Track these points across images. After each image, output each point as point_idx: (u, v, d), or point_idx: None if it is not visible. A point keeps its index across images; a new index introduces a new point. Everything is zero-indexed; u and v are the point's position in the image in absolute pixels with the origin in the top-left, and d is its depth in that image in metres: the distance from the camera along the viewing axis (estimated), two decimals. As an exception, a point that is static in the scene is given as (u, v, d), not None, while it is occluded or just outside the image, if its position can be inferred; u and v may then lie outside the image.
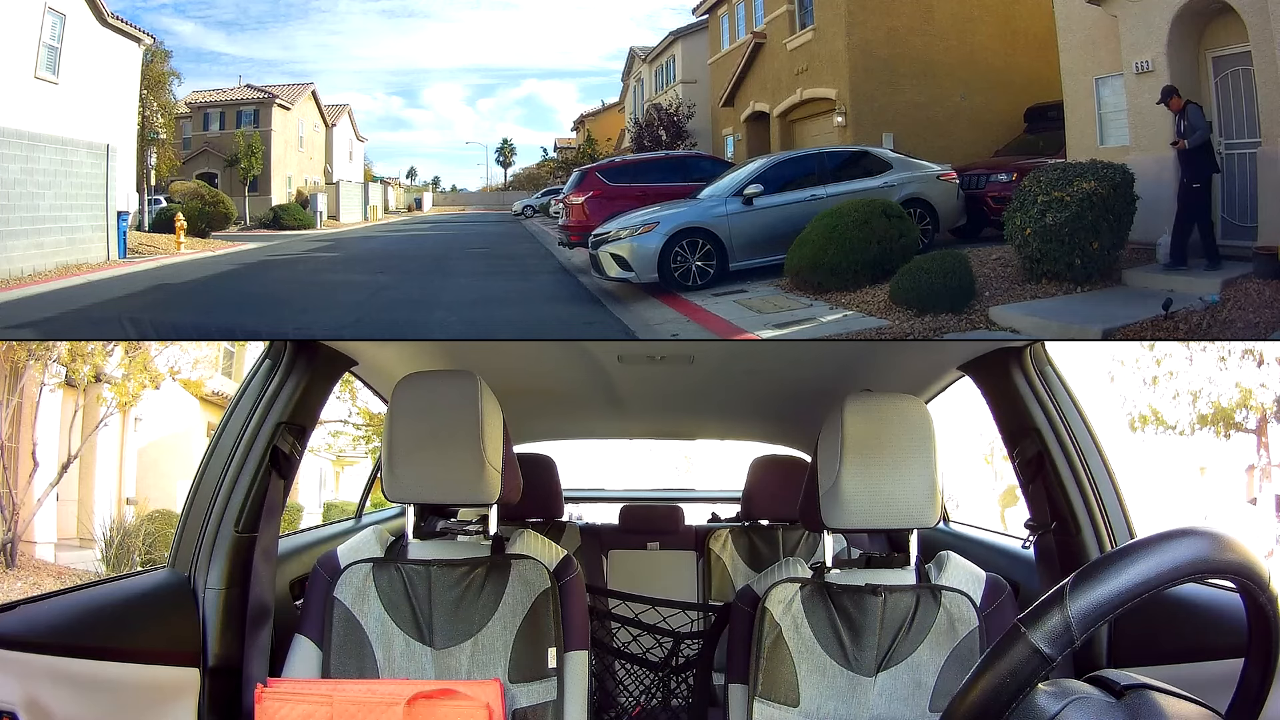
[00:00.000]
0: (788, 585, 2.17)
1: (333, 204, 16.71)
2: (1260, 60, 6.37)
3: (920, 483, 2.06)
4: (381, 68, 20.23)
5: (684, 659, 3.47)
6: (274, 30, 17.82)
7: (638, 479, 7.15)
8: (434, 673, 2.15)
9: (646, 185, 9.35)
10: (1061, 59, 8.29)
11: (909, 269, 6.55)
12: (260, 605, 2.35)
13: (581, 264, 9.10)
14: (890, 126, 10.35)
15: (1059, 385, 2.57)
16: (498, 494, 2.19)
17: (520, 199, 17.80)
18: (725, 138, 13.71)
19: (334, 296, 9.24)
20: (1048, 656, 1.09)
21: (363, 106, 18.39)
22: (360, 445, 15.28)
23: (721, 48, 13.72)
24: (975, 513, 13.18)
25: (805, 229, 7.36)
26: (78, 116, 10.12)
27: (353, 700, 1.93)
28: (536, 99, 22.08)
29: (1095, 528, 2.40)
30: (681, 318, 6.97)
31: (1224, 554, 1.10)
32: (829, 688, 2.10)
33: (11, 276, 9.00)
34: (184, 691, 2.17)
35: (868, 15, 10.54)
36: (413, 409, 2.16)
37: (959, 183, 8.59)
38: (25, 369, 9.94)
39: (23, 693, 1.71)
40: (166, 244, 11.85)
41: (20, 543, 9.47)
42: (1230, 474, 12.98)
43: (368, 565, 2.20)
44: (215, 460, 2.47)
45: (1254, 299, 5.88)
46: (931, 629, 2.11)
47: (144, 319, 8.39)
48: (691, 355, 3.55)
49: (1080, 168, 6.59)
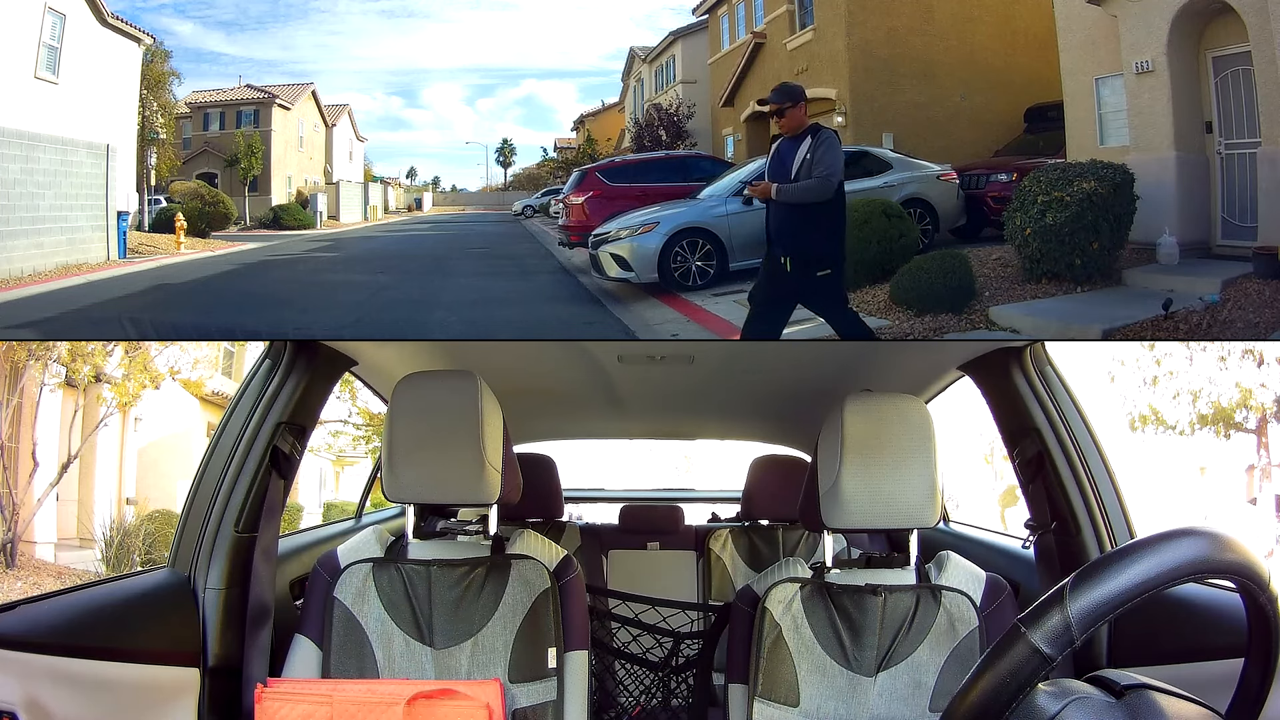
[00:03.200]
0: (788, 585, 2.17)
1: (333, 204, 16.72)
2: (1260, 60, 6.37)
3: (920, 483, 2.06)
4: (381, 68, 20.26)
5: (684, 659, 3.47)
6: (274, 30, 17.84)
7: (638, 479, 7.15)
8: (434, 673, 2.15)
9: (646, 185, 9.36)
10: (1061, 59, 8.29)
11: (909, 269, 6.55)
12: (260, 605, 2.35)
13: (581, 264, 9.11)
14: (890, 126, 10.35)
15: (1059, 385, 2.57)
16: (498, 494, 2.19)
17: (520, 199, 17.81)
18: (725, 138, 13.72)
19: (334, 296, 9.25)
20: (1048, 656, 1.09)
21: (363, 106, 18.42)
22: (360, 445, 15.28)
23: (721, 48, 13.73)
24: (975, 513, 13.17)
25: (805, 229, 7.35)
26: (78, 116, 10.12)
27: (353, 700, 1.93)
28: (536, 99, 22.11)
29: (1095, 528, 2.40)
30: (681, 318, 6.97)
31: (1224, 554, 1.10)
32: (829, 688, 2.10)
33: (11, 276, 9.00)
34: (184, 691, 2.17)
35: (868, 15, 10.55)
36: (413, 409, 2.16)
37: (959, 183, 8.59)
38: (25, 369, 9.93)
39: (23, 693, 1.71)
40: (166, 244, 11.86)
41: (20, 543, 9.47)
42: (1230, 474, 12.98)
43: (368, 565, 2.20)
44: (215, 460, 2.47)
45: (1254, 299, 5.88)
46: (931, 629, 2.11)
47: (144, 319, 8.40)
48: (691, 355, 3.55)
49: (1080, 168, 6.59)
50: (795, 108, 4.76)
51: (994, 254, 7.31)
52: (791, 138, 4.81)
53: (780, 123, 4.82)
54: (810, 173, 4.68)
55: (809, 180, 4.68)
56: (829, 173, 4.65)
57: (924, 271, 6.44)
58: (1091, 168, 6.53)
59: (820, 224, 4.74)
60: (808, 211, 4.71)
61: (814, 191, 4.68)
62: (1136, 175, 6.53)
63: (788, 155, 4.78)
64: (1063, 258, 6.40)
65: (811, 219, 4.73)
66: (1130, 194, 6.49)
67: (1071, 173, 6.52)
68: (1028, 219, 6.49)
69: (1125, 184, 6.46)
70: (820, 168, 4.65)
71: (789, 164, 4.77)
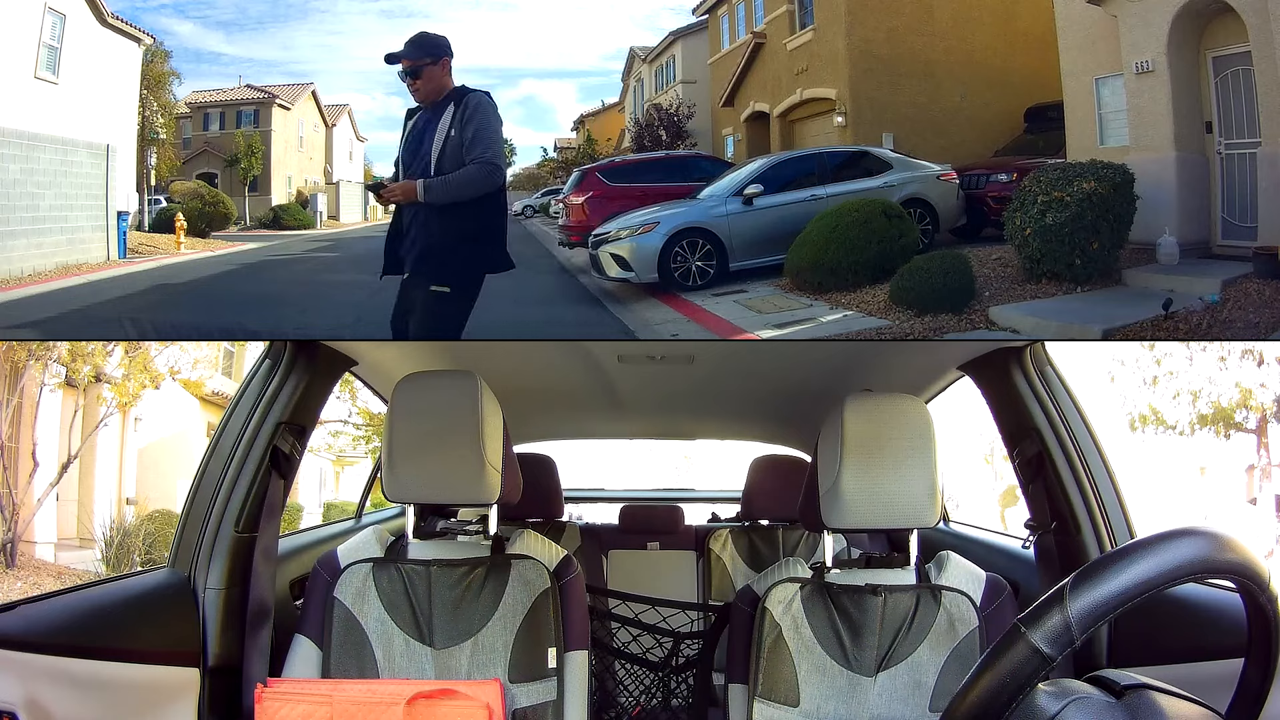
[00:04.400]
0: (788, 585, 2.17)
1: (333, 204, 16.72)
2: (1260, 60, 6.37)
3: (920, 483, 2.06)
4: (381, 68, 20.14)
5: (684, 659, 3.47)
6: (274, 30, 17.82)
7: (637, 479, 7.15)
8: (434, 673, 2.15)
9: (646, 185, 9.35)
10: (1061, 59, 8.29)
11: (909, 269, 6.55)
12: (260, 605, 2.35)
13: (581, 264, 9.10)
14: (890, 126, 10.35)
15: (1059, 385, 2.57)
16: (498, 494, 2.19)
17: (520, 199, 17.79)
18: (725, 138, 13.71)
19: (334, 296, 9.24)
20: (1048, 656, 1.09)
21: (363, 106, 18.40)
22: (360, 445, 15.28)
23: (721, 48, 13.72)
24: (975, 513, 13.18)
25: (805, 229, 7.37)
26: (78, 116, 10.12)
27: (353, 700, 1.93)
28: (536, 99, 22.09)
29: (1095, 528, 2.40)
30: (681, 318, 6.97)
31: (1224, 554, 1.10)
32: (829, 688, 2.10)
33: (11, 276, 9.00)
34: (184, 691, 2.17)
35: (868, 15, 10.55)
36: (413, 409, 2.16)
37: (959, 183, 8.59)
38: (25, 369, 9.93)
39: (23, 693, 1.71)
40: (166, 244, 11.85)
41: (20, 543, 9.47)
42: (1230, 474, 12.97)
43: (368, 565, 2.20)
44: (215, 460, 2.47)
45: (1254, 299, 5.88)
46: (931, 629, 2.11)
47: (144, 319, 8.40)
48: (691, 355, 3.55)
49: (1080, 168, 6.59)
50: (435, 65, 3.58)
51: (994, 254, 7.31)
52: (430, 108, 3.63)
53: (416, 86, 3.59)
54: (463, 156, 3.47)
55: (467, 169, 3.46)
56: (489, 153, 3.46)
57: (924, 271, 6.44)
58: (1091, 168, 6.53)
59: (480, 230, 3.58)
60: (463, 213, 3.52)
61: (475, 183, 3.47)
62: (1136, 175, 6.53)
63: (427, 134, 3.58)
64: (1063, 258, 6.40)
65: (468, 223, 3.53)
66: (1130, 194, 6.48)
67: (1071, 173, 6.52)
68: (1028, 219, 6.49)
69: (1125, 184, 6.46)
70: (478, 147, 3.46)
71: (428, 146, 3.57)
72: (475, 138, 3.45)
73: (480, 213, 3.56)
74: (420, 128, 3.63)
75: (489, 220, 3.61)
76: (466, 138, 3.47)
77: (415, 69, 3.56)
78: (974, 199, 8.68)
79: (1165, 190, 6.82)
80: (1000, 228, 7.16)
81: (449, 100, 3.56)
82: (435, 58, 3.57)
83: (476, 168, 3.45)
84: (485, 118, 3.48)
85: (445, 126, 3.51)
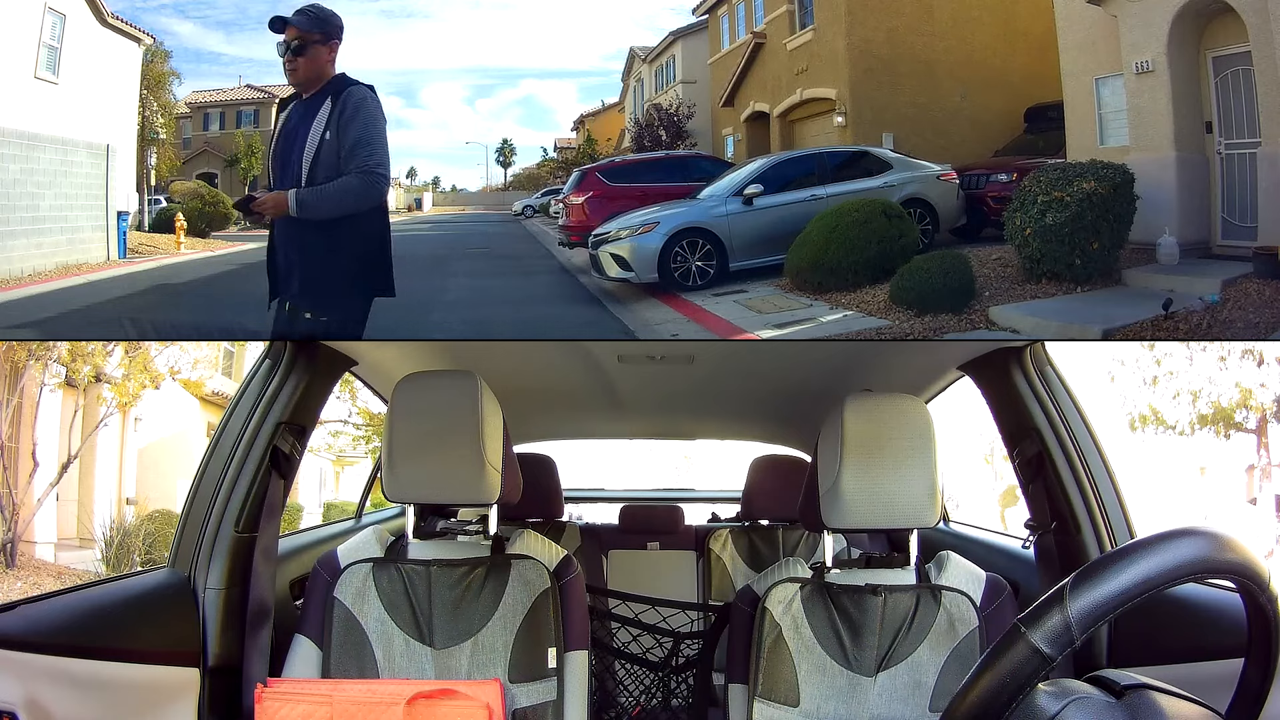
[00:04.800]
0: (788, 585, 2.17)
1: (333, 204, 16.70)
2: (1260, 60, 6.36)
3: (920, 483, 2.06)
4: (381, 68, 20.17)
5: (684, 659, 3.48)
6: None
7: (637, 479, 7.16)
8: (434, 673, 2.15)
9: (646, 185, 9.34)
10: (1061, 59, 8.28)
11: (909, 269, 6.55)
12: (260, 605, 2.35)
13: (581, 264, 9.10)
14: (890, 126, 10.34)
15: (1059, 385, 2.57)
16: (498, 494, 2.19)
17: (520, 199, 17.78)
18: (725, 138, 13.71)
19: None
20: (1048, 656, 1.09)
21: (362, 107, 18.39)
22: (360, 445, 15.28)
23: (721, 48, 13.72)
24: (975, 513, 13.18)
25: (805, 229, 7.36)
26: (78, 116, 10.12)
27: (353, 700, 1.93)
28: (536, 99, 22.07)
29: (1095, 528, 2.40)
30: (681, 318, 6.97)
31: (1224, 554, 1.10)
32: (829, 688, 2.10)
33: (11, 276, 8.99)
34: (184, 691, 2.17)
35: (868, 15, 10.54)
36: (413, 409, 2.16)
37: (959, 183, 8.59)
38: (25, 369, 9.94)
39: (23, 693, 1.71)
40: (166, 244, 11.84)
41: (20, 543, 9.47)
42: (1230, 474, 12.98)
43: (368, 565, 2.20)
44: (215, 460, 2.47)
45: (1254, 299, 5.88)
46: (931, 629, 2.11)
47: (144, 319, 8.39)
48: (691, 355, 3.56)
49: (1080, 168, 6.58)
50: (324, 46, 3.06)
51: (994, 254, 7.30)
52: (305, 101, 3.11)
53: (294, 65, 3.05)
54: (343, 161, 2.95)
55: (346, 179, 2.94)
56: (372, 160, 2.95)
57: (924, 271, 6.43)
58: (1091, 168, 6.53)
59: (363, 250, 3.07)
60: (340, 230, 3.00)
61: (354, 195, 2.96)
62: (1136, 175, 6.53)
63: (300, 135, 3.04)
64: (1063, 258, 6.39)
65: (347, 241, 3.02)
66: (1130, 194, 6.48)
67: (1071, 173, 6.52)
68: (1028, 219, 6.48)
69: (1125, 184, 6.46)
70: (360, 152, 2.95)
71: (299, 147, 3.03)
72: (357, 142, 2.96)
73: (359, 230, 3.04)
74: (293, 126, 3.10)
75: (372, 238, 3.11)
76: (345, 142, 2.96)
77: (302, 44, 3.05)
78: (974, 199, 8.67)
79: (1165, 190, 6.82)
80: (1000, 228, 7.16)
81: (326, 93, 3.05)
82: (327, 35, 3.08)
83: (357, 177, 2.95)
84: (368, 118, 2.98)
85: (320, 127, 3.01)
